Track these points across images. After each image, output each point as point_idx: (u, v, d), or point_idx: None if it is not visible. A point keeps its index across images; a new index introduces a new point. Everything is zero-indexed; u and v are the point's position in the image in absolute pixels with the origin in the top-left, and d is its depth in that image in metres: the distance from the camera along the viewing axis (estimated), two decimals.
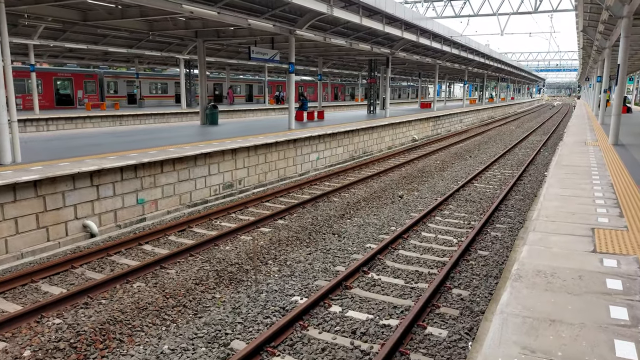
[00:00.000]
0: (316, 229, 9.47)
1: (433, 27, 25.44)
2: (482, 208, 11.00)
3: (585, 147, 13.01)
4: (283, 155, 14.64)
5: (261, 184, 13.57)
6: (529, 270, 3.86)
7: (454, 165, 17.70)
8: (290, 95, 17.65)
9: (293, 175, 15.07)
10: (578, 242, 4.67)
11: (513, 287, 3.53)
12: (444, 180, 14.44)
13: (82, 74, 32.53)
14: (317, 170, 16.43)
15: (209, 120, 19.43)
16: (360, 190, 13.10)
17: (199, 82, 19.27)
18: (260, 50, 18.65)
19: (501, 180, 14.45)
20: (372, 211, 10.94)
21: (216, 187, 11.98)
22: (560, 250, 4.40)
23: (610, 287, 3.52)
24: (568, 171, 8.90)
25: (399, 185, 13.82)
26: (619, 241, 4.67)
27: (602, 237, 4.82)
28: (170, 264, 7.37)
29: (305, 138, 15.65)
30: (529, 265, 3.99)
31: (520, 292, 3.45)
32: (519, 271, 3.83)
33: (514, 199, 11.99)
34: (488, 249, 8.11)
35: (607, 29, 20.16)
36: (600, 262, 4.08)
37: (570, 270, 3.86)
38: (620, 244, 4.59)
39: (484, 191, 12.87)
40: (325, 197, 12.02)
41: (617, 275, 3.77)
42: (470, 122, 38.77)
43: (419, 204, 11.45)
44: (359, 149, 19.79)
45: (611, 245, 4.53)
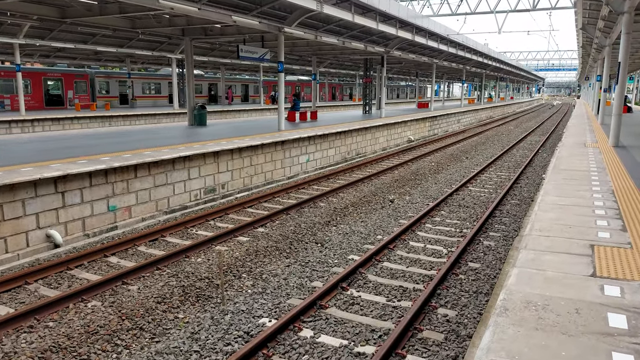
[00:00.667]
0: (298, 237, 8.89)
1: (429, 25, 24.86)
2: (476, 214, 10.42)
3: (584, 148, 12.43)
4: (270, 158, 14.06)
5: (246, 188, 12.99)
6: (517, 301, 3.28)
7: (449, 167, 17.11)
8: (280, 95, 17.07)
9: (281, 179, 14.50)
10: (575, 262, 4.09)
11: (497, 325, 2.94)
12: (438, 184, 13.86)
13: (73, 74, 31.93)
14: (307, 172, 15.85)
15: (196, 121, 18.84)
16: (350, 194, 12.52)
17: (187, 81, 18.68)
18: (250, 48, 18.07)
19: (497, 184, 13.87)
20: (360, 217, 10.36)
21: (197, 191, 11.40)
22: (555, 273, 3.82)
23: (613, 326, 2.94)
24: (566, 176, 8.32)
25: (390, 189, 13.24)
26: (622, 262, 4.09)
27: (603, 256, 4.24)
28: (134, 279, 6.79)
29: (294, 140, 15.06)
30: (518, 294, 3.40)
31: (505, 331, 2.87)
32: (505, 302, 3.25)
33: (509, 203, 11.41)
34: (479, 260, 7.53)
35: (607, 27, 19.58)
36: (600, 289, 3.50)
37: (565, 302, 3.28)
38: (624, 265, 4.01)
39: (479, 195, 12.29)
40: (311, 202, 11.44)
41: (621, 308, 3.19)
42: (469, 122, 38.20)
43: (409, 209, 10.86)
44: (352, 150, 19.21)
45: (613, 268, 3.94)
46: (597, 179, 8.03)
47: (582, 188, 7.24)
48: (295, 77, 56.78)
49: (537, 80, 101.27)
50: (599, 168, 9.15)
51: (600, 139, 14.63)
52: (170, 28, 16.60)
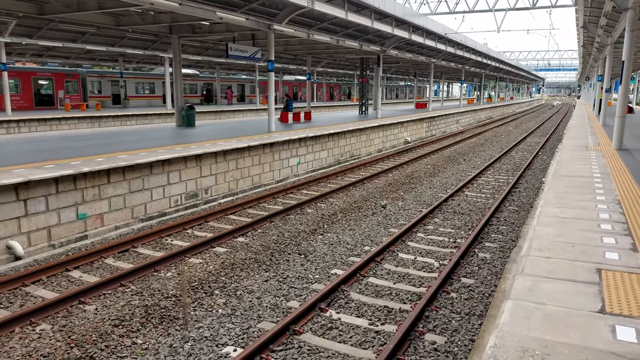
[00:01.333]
0: (280, 247, 8.29)
1: (426, 23, 24.26)
2: (472, 222, 9.81)
3: (586, 152, 11.83)
4: (258, 161, 13.46)
5: (231, 193, 12.39)
6: (510, 349, 2.68)
7: (445, 170, 16.51)
8: (269, 95, 16.47)
9: (269, 182, 13.89)
10: (580, 293, 3.49)
11: None
12: (433, 188, 13.26)
13: (63, 74, 31.31)
14: (297, 176, 15.24)
15: (185, 122, 18.24)
16: (340, 199, 11.92)
17: (174, 80, 18.08)
18: (240, 47, 17.47)
19: (495, 188, 13.26)
20: (349, 225, 9.76)
21: (177, 197, 10.79)
22: (557, 308, 3.22)
23: None
24: (567, 183, 7.71)
25: (383, 194, 12.64)
26: (636, 292, 3.49)
27: (613, 284, 3.64)
28: (93, 297, 6.18)
29: (283, 142, 14.46)
30: (512, 338, 2.80)
31: None
32: (496, 351, 2.65)
33: (507, 210, 10.81)
34: (474, 275, 6.92)
35: (609, 26, 18.98)
36: (612, 332, 2.90)
37: (570, 350, 2.68)
38: (638, 296, 3.41)
39: (475, 201, 11.68)
40: (298, 209, 10.83)
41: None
42: (467, 122, 37.61)
43: (401, 216, 10.26)
44: (346, 152, 18.61)
45: (625, 301, 3.34)
46: (601, 186, 7.43)
47: (585, 197, 6.64)
48: (293, 77, 56.18)
49: (537, 80, 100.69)
50: (602, 174, 8.55)
51: (603, 142, 14.03)
52: (156, 25, 16.00)
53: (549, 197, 6.65)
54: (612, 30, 19.20)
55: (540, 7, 23.09)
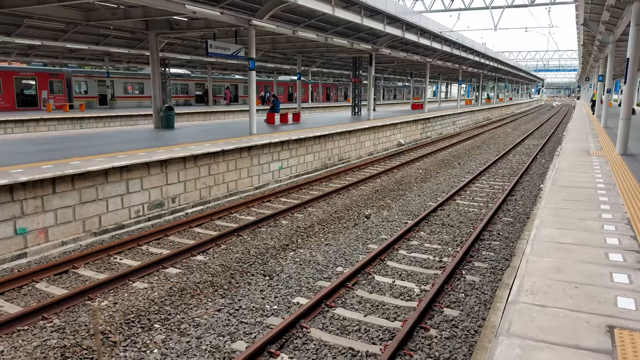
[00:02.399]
0: (243, 267, 7.32)
1: (420, 21, 23.29)
2: (461, 236, 8.85)
3: (587, 157, 10.87)
4: (234, 166, 12.49)
5: (203, 201, 11.42)
6: None
7: (438, 175, 15.54)
8: (250, 95, 15.50)
9: (247, 189, 12.92)
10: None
11: None
12: (422, 196, 12.29)
13: (47, 73, 30.34)
14: (279, 182, 14.27)
15: (163, 123, 17.27)
16: (320, 209, 10.95)
17: (152, 79, 17.13)
18: (221, 44, 16.49)
19: (489, 196, 12.29)
20: (325, 239, 8.79)
21: (139, 207, 9.82)
22: None
23: None
24: (567, 196, 6.75)
25: (368, 202, 11.67)
26: None
27: (630, 352, 2.67)
28: (5, 334, 5.20)
29: (263, 145, 13.49)
30: None
31: None
32: None
33: (501, 222, 9.83)
34: (459, 304, 5.96)
35: (611, 23, 18.04)
36: None
37: None
38: None
39: (467, 211, 10.71)
40: (272, 220, 9.86)
41: None
42: (465, 124, 36.65)
43: (384, 229, 9.29)
44: (334, 155, 17.64)
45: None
46: (606, 200, 6.46)
47: (589, 215, 5.67)
48: (288, 77, 55.24)
49: (536, 81, 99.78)
50: (607, 184, 7.58)
51: (605, 146, 13.07)
52: (131, 21, 15.05)
53: (546, 214, 5.68)
54: (615, 28, 18.24)
55: (539, 4, 22.13)
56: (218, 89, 45.24)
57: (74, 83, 31.95)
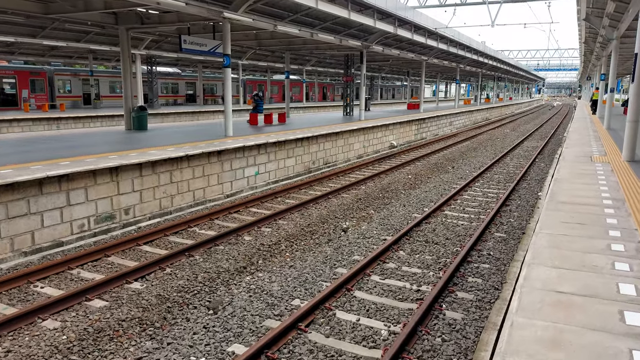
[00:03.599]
0: (185, 299, 6.18)
1: (414, 17, 22.13)
2: (446, 256, 7.71)
3: (590, 164, 9.73)
4: (201, 172, 11.35)
5: (163, 212, 10.28)
6: None
7: (428, 180, 14.40)
8: (226, 95, 14.34)
9: (217, 197, 11.79)
10: None
11: None
12: (408, 205, 11.15)
13: (28, 72, 29.23)
14: (254, 188, 13.14)
15: (135, 124, 16.13)
16: (292, 221, 9.82)
17: (123, 78, 15.99)
18: (197, 40, 15.36)
19: (481, 206, 11.14)
20: (290, 260, 7.66)
21: (83, 221, 8.69)
22: None
23: None
24: (567, 216, 5.62)
25: (347, 213, 10.54)
26: None
27: None
28: None
29: (236, 149, 12.36)
30: None
31: None
32: None
33: (493, 238, 8.69)
34: (434, 354, 4.81)
35: (614, 19, 16.88)
36: None
37: None
38: None
39: (455, 224, 9.56)
40: (234, 235, 8.73)
41: None
42: (462, 124, 35.50)
43: (358, 247, 8.15)
44: (319, 159, 16.50)
45: None
46: (615, 223, 5.32)
47: (595, 246, 4.53)
48: (283, 77, 54.07)
49: (536, 80, 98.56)
50: (614, 200, 6.44)
51: (610, 151, 11.92)
52: (94, 13, 13.91)
53: (541, 244, 4.54)
54: (619, 23, 17.07)
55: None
56: (210, 88, 44.09)
57: (57, 82, 30.82)
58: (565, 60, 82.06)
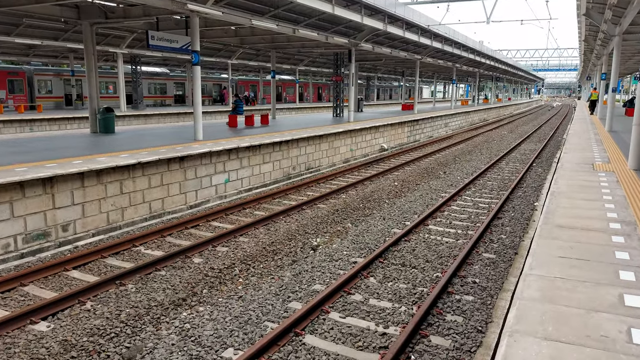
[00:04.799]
0: (95, 345, 5.03)
1: (405, 13, 20.98)
2: (423, 284, 6.56)
3: (592, 174, 8.59)
4: (159, 181, 10.20)
5: (111, 227, 9.13)
6: None
7: (416, 187, 13.26)
8: (195, 95, 13.18)
9: (178, 208, 10.64)
10: None
11: None
12: (389, 218, 10.00)
13: (5, 71, 28.09)
14: (224, 197, 12.00)
15: (101, 127, 14.98)
16: (256, 238, 8.67)
17: (87, 77, 14.86)
18: (167, 36, 14.21)
19: (470, 219, 9.99)
20: (242, 288, 6.51)
21: (8, 241, 7.53)
22: None
23: None
24: (565, 247, 4.47)
25: (320, 227, 9.39)
26: None
27: None
28: None
29: (202, 154, 11.21)
30: None
31: None
32: None
33: (480, 260, 7.53)
34: None
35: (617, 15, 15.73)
36: None
37: None
38: None
39: (439, 242, 8.41)
40: (182, 257, 7.58)
41: None
42: (458, 125, 34.36)
43: (321, 273, 6.99)
44: (300, 164, 15.35)
45: None
46: (626, 258, 4.17)
47: (601, 297, 3.39)
48: (278, 77, 52.96)
49: (536, 80, 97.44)
50: (623, 223, 5.29)
51: (614, 157, 10.77)
52: (46, 6, 12.81)
53: (530, 296, 3.38)
54: (621, 18, 15.92)
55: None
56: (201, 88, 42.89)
57: (37, 82, 29.66)
58: (565, 60, 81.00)
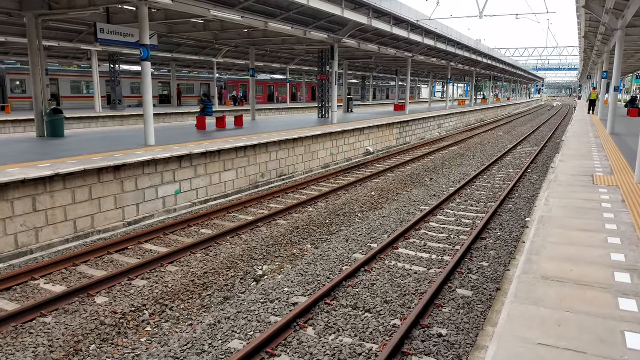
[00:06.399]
0: None
1: (392, 7, 19.51)
2: (374, 337, 5.10)
3: (593, 190, 7.12)
4: (87, 195, 8.75)
5: (20, 252, 7.68)
6: None
7: (396, 198, 11.80)
8: (146, 94, 11.72)
9: (113, 226, 9.18)
10: None
11: None
12: (354, 239, 8.53)
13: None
14: (172, 211, 10.54)
15: (48, 130, 13.54)
16: (186, 267, 7.21)
17: (32, 75, 13.49)
18: (120, 29, 12.81)
19: (449, 239, 8.51)
20: (145, 342, 5.06)
21: None
22: None
23: None
24: (549, 323, 3.02)
25: (272, 250, 7.94)
26: None
27: None
28: None
29: (143, 163, 9.76)
30: None
31: None
32: None
33: (452, 301, 6.04)
34: None
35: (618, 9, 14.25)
36: None
37: None
38: None
39: (407, 273, 6.92)
40: (84, 295, 6.12)
41: None
42: (453, 126, 32.90)
43: (247, 322, 5.53)
44: (270, 171, 13.89)
45: None
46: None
47: None
48: (269, 76, 51.52)
49: (535, 80, 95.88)
50: (634, 272, 3.81)
51: (617, 166, 9.29)
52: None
53: None
54: (624, 10, 14.44)
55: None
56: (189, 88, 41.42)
57: (9, 82, 28.21)
58: (565, 59, 79.58)
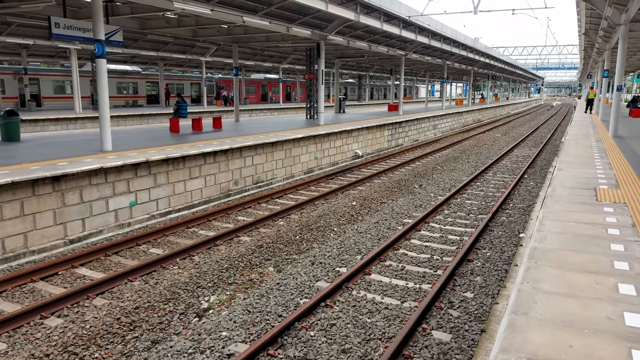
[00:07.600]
0: None
1: (381, 3, 18.41)
2: None
3: (595, 208, 6.03)
4: (18, 210, 7.67)
5: None
6: None
7: (379, 208, 10.72)
8: (100, 94, 10.61)
9: (51, 245, 8.09)
10: None
11: None
12: (322, 261, 7.44)
13: None
14: (127, 225, 9.45)
15: (3, 134, 12.45)
16: (117, 299, 6.13)
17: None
18: (77, 23, 11.70)
19: (430, 262, 7.41)
20: None
21: None
22: None
23: None
24: None
25: (226, 275, 6.87)
26: None
27: None
28: None
29: (90, 172, 8.68)
30: None
31: None
32: None
33: (426, 349, 4.94)
34: None
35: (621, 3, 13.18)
36: None
37: None
38: None
39: (376, 307, 5.82)
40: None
41: None
42: (449, 127, 31.82)
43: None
44: (244, 178, 12.81)
45: None
46: None
47: None
48: (262, 76, 50.44)
49: (535, 79, 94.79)
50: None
51: (624, 177, 8.20)
52: None
53: None
54: (628, 2, 13.36)
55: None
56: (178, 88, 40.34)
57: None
58: (565, 58, 78.50)
